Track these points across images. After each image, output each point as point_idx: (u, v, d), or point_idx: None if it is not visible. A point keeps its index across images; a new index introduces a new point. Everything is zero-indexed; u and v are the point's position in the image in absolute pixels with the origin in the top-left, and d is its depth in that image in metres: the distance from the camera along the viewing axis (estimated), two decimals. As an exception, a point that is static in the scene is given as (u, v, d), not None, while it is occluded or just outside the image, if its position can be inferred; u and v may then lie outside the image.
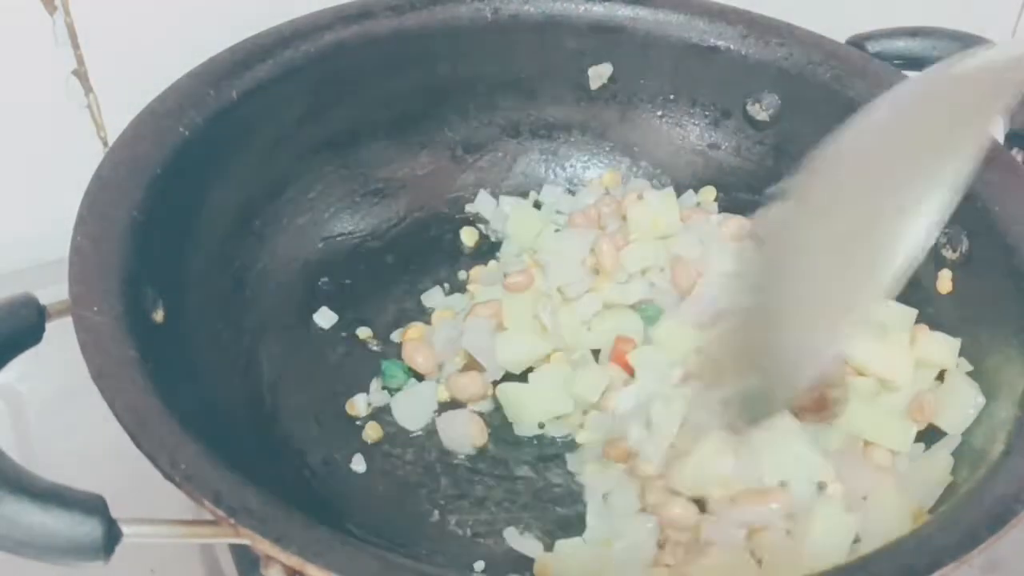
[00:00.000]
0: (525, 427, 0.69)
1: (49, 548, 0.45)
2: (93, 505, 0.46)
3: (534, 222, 0.79)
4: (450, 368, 0.71)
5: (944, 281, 0.69)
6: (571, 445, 0.68)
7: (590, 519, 0.64)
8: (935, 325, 0.69)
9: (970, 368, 0.66)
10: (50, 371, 0.65)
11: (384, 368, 0.71)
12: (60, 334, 0.54)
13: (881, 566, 0.49)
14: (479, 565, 0.62)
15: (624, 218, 0.76)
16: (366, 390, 0.71)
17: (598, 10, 0.77)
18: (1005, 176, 0.66)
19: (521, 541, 0.64)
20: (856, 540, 0.59)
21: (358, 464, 0.67)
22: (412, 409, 0.70)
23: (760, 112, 0.79)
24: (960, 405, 0.64)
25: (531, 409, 0.69)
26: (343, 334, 0.74)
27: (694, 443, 0.62)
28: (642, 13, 0.77)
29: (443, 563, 0.62)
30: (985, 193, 0.66)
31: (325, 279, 0.75)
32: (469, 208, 0.81)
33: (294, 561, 0.46)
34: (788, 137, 0.78)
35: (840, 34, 0.76)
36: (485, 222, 0.80)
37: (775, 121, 0.78)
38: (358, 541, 0.48)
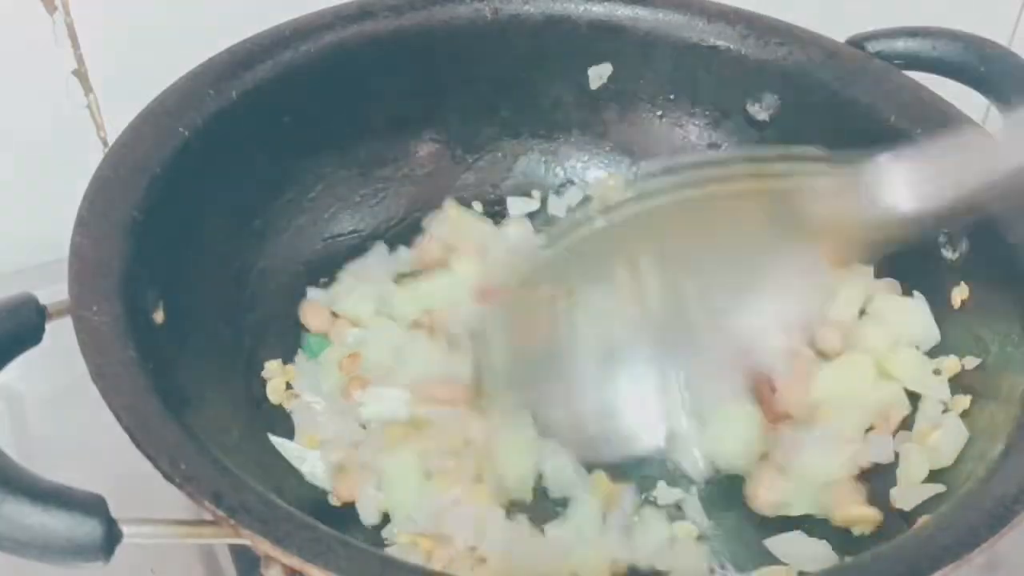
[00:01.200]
0: None
1: (49, 549, 0.45)
2: (93, 505, 0.46)
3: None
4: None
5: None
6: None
7: None
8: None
9: (956, 371, 0.66)
10: (50, 371, 0.65)
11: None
12: (60, 334, 0.54)
13: (882, 566, 0.49)
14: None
15: None
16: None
17: (598, 10, 0.77)
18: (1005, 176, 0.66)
19: None
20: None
21: (358, 463, 0.67)
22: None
23: (760, 112, 0.78)
24: (949, 438, 0.63)
25: None
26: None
27: None
28: (642, 13, 0.77)
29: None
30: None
31: (326, 279, 0.75)
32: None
33: (294, 561, 0.46)
34: (788, 137, 0.78)
35: (840, 34, 0.76)
36: None
37: (775, 121, 0.78)
38: (359, 541, 0.48)
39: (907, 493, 0.63)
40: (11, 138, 0.78)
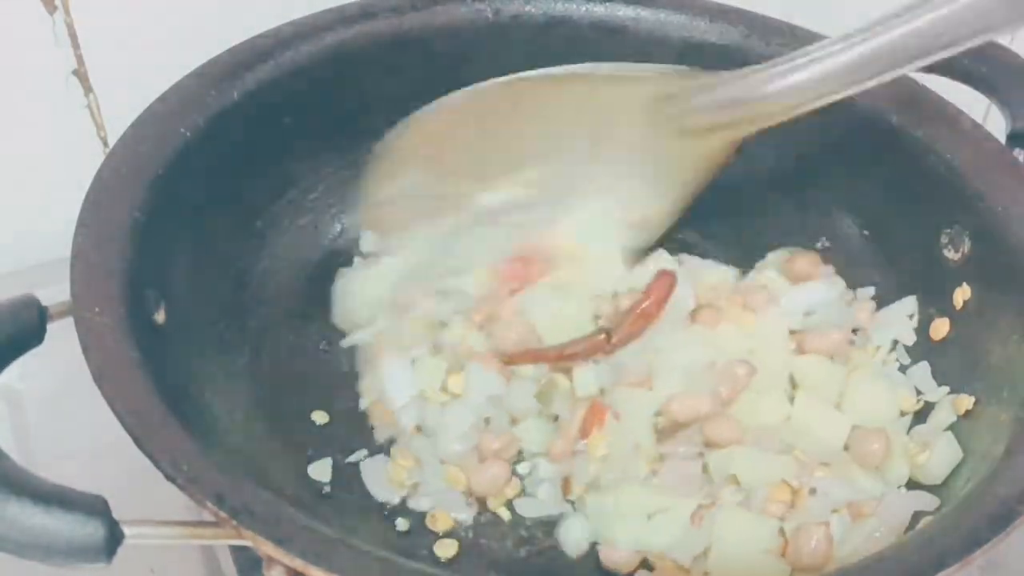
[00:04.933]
0: None
1: (51, 550, 0.45)
2: (95, 506, 0.46)
3: None
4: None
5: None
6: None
7: None
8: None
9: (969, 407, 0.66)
10: (51, 372, 0.65)
11: None
12: (61, 335, 0.54)
13: (883, 568, 0.49)
14: None
15: None
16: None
17: (599, 11, 0.77)
18: (1007, 177, 0.66)
19: None
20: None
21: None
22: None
23: (761, 112, 0.78)
24: (940, 458, 0.63)
25: None
26: (346, 335, 0.73)
27: None
28: (643, 13, 0.77)
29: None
30: (987, 194, 0.66)
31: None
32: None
33: (296, 563, 0.46)
34: (790, 137, 0.78)
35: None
36: None
37: (776, 121, 0.78)
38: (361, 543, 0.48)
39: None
40: (11, 138, 0.78)
